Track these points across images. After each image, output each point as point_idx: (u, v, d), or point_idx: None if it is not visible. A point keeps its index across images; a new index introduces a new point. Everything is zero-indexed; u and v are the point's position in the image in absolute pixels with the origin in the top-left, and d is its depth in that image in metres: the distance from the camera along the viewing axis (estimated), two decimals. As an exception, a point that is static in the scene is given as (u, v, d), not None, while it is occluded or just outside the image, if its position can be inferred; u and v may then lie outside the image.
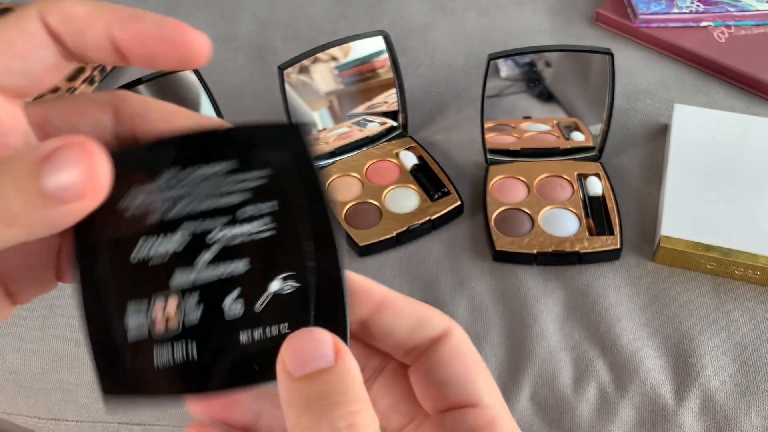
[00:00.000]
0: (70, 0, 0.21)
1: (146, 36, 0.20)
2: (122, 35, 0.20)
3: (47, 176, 0.17)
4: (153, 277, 0.20)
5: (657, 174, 0.55)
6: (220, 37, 0.71)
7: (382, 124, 0.59)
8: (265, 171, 0.21)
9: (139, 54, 0.20)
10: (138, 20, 0.20)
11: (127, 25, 0.20)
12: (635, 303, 0.48)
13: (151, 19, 0.20)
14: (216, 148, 0.21)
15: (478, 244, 0.52)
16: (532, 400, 0.45)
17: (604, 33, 0.68)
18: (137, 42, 0.20)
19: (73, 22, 0.20)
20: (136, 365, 0.20)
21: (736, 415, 0.43)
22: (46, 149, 0.17)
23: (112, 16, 0.20)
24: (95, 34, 0.20)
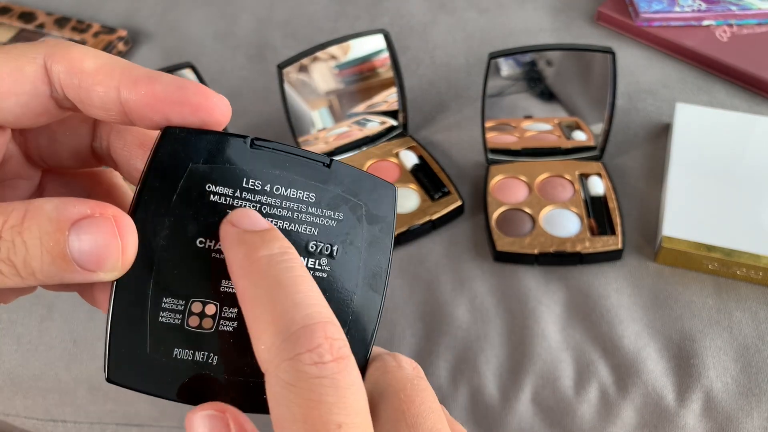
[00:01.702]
0: (80, 51, 0.19)
1: (161, 100, 0.19)
2: (134, 97, 0.19)
3: (75, 242, 0.17)
4: (207, 272, 0.20)
5: (659, 174, 0.55)
6: (218, 36, 0.71)
7: (382, 124, 0.59)
8: (345, 215, 0.21)
9: (150, 118, 0.19)
10: (153, 82, 0.19)
11: (141, 87, 0.19)
12: (637, 303, 0.47)
13: (168, 81, 0.19)
14: (313, 175, 0.21)
15: (478, 245, 0.52)
16: (533, 401, 0.45)
17: (606, 32, 0.68)
18: (150, 106, 0.19)
19: (80, 76, 0.19)
20: (156, 349, 0.19)
21: (738, 417, 0.43)
22: (74, 213, 0.17)
23: (124, 76, 0.19)
24: (103, 92, 0.19)
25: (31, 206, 0.17)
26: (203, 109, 0.19)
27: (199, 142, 0.20)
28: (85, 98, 0.19)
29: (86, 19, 0.72)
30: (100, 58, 0.19)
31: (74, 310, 0.51)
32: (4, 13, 0.71)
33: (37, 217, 0.17)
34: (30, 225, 0.17)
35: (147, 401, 0.49)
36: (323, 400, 0.16)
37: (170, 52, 0.69)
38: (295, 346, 0.17)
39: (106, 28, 0.69)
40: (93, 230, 0.17)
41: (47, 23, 0.70)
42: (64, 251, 0.17)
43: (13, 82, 0.19)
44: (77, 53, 0.19)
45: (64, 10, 0.73)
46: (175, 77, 0.19)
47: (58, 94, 0.19)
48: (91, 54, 0.19)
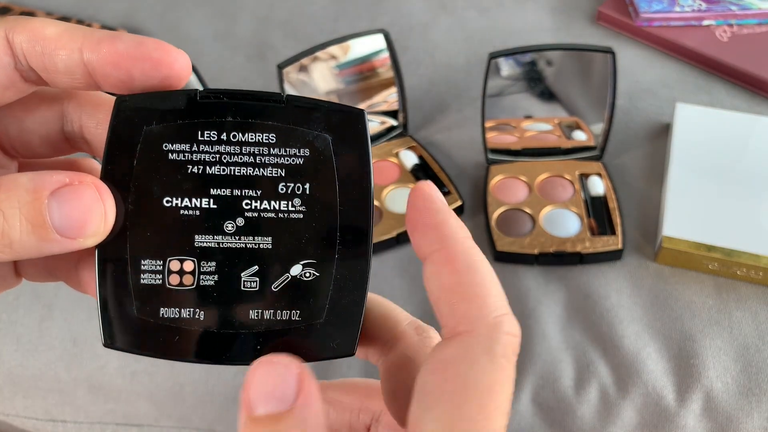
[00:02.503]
0: (41, 20, 0.19)
1: (124, 56, 0.19)
2: (97, 57, 0.19)
3: (56, 210, 0.17)
4: (179, 229, 0.20)
5: (659, 174, 0.55)
6: (218, 36, 0.71)
7: (382, 124, 0.59)
8: (311, 150, 0.21)
9: (114, 76, 0.19)
10: (114, 41, 0.19)
11: (103, 46, 0.19)
12: (637, 303, 0.47)
13: (128, 39, 0.19)
14: (269, 115, 0.21)
15: (478, 245, 0.51)
16: (534, 401, 0.45)
17: (606, 32, 0.68)
18: (113, 64, 0.19)
19: (43, 42, 0.19)
20: (143, 311, 0.20)
21: (738, 417, 0.43)
22: (53, 182, 0.17)
23: (86, 38, 0.19)
24: (66, 55, 0.19)
25: (6, 179, 0.17)
26: (164, 64, 0.19)
27: (150, 104, 0.20)
28: (49, 64, 0.19)
29: (86, 18, 0.72)
30: (60, 25, 0.19)
31: (74, 310, 0.51)
32: (4, 13, 0.71)
33: (14, 188, 0.17)
34: (8, 196, 0.17)
35: (147, 401, 0.49)
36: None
37: (170, 52, 0.69)
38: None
39: (106, 27, 0.69)
40: (74, 196, 0.17)
41: (47, 23, 0.70)
42: (43, 219, 0.17)
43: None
44: (38, 23, 0.19)
45: (64, 10, 0.73)
46: (135, 35, 0.19)
47: (22, 65, 0.19)
48: (51, 22, 0.19)
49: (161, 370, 0.48)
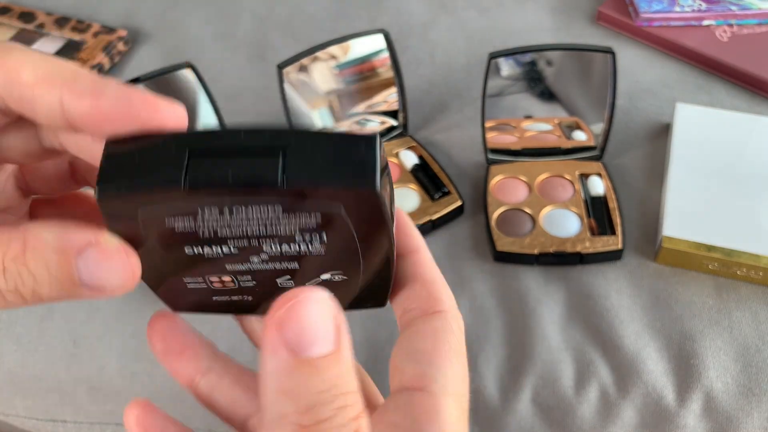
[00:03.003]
0: (18, 60, 0.18)
1: (108, 115, 0.17)
2: (78, 112, 0.18)
3: (84, 270, 0.17)
4: (209, 263, 0.20)
5: (659, 174, 0.55)
6: (218, 36, 0.71)
7: (382, 124, 0.59)
8: (323, 214, 0.19)
9: (98, 132, 0.18)
10: (98, 96, 0.17)
11: (85, 101, 0.17)
12: (637, 304, 0.47)
13: (113, 95, 0.17)
14: (269, 193, 0.18)
15: (478, 245, 0.52)
16: (534, 401, 0.45)
17: (606, 32, 0.68)
18: (95, 123, 0.18)
19: (19, 88, 0.18)
20: (194, 298, 0.22)
21: (738, 417, 0.43)
22: (79, 241, 0.17)
23: (66, 87, 0.17)
24: (45, 105, 0.18)
25: (29, 234, 0.17)
26: (154, 122, 0.18)
27: (140, 168, 0.18)
28: (28, 110, 0.18)
29: (86, 19, 0.72)
30: (38, 68, 0.18)
31: (74, 310, 0.51)
32: (4, 13, 0.71)
33: (40, 248, 0.17)
34: (33, 256, 0.17)
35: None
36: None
37: (170, 52, 0.69)
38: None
39: (106, 28, 0.69)
40: (101, 257, 0.17)
41: (47, 23, 0.70)
42: (72, 278, 0.17)
43: None
44: (14, 62, 0.18)
45: (63, 10, 0.73)
46: (121, 87, 0.18)
47: (3, 106, 0.18)
48: (29, 63, 0.18)
49: (161, 371, 0.48)
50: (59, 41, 0.68)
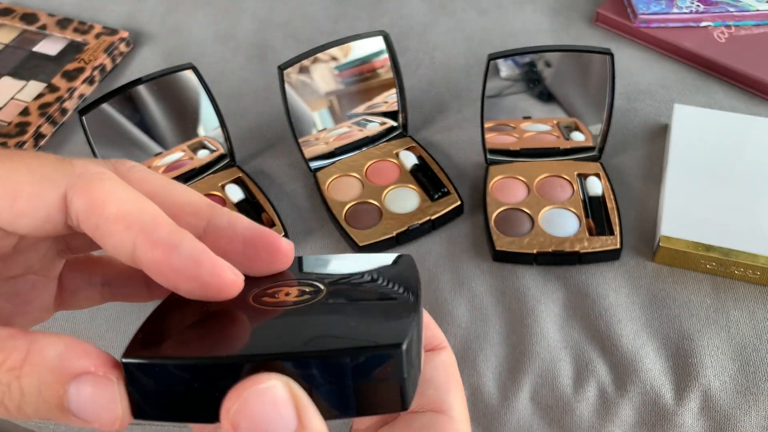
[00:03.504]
0: (104, 191, 0.18)
1: (175, 271, 0.18)
2: (147, 260, 0.18)
3: (74, 396, 0.16)
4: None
5: (657, 174, 0.55)
6: (219, 37, 0.71)
7: (382, 124, 0.59)
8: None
9: (160, 281, 0.18)
10: (171, 252, 0.18)
11: (158, 252, 0.18)
12: (635, 303, 0.48)
13: (186, 254, 0.18)
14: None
15: (478, 244, 0.52)
16: (532, 400, 0.45)
17: (604, 33, 0.68)
18: (162, 274, 0.18)
19: (98, 219, 0.18)
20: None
21: (736, 415, 0.43)
22: (77, 367, 0.16)
23: (143, 234, 0.18)
24: (118, 242, 0.18)
25: (34, 347, 0.17)
26: (213, 288, 0.18)
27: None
28: (100, 240, 0.18)
29: (88, 20, 0.72)
30: (122, 205, 0.18)
31: (74, 311, 0.51)
32: (6, 14, 0.72)
33: (38, 363, 0.16)
34: (29, 371, 0.16)
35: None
36: None
37: (171, 53, 0.70)
38: None
39: (108, 29, 0.70)
40: (94, 389, 0.17)
41: (49, 25, 0.70)
42: (62, 403, 0.16)
43: (31, 205, 0.18)
44: (100, 193, 0.18)
45: (66, 11, 0.74)
46: (195, 247, 0.18)
47: (73, 223, 0.19)
48: (114, 197, 0.18)
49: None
50: (61, 42, 0.69)
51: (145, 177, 0.21)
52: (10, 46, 0.69)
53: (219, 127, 0.55)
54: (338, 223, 0.53)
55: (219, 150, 0.57)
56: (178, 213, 0.20)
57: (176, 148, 0.55)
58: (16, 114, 0.62)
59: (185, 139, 0.56)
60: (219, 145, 0.57)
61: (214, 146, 0.57)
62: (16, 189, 0.18)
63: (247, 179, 0.56)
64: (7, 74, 0.66)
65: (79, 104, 0.65)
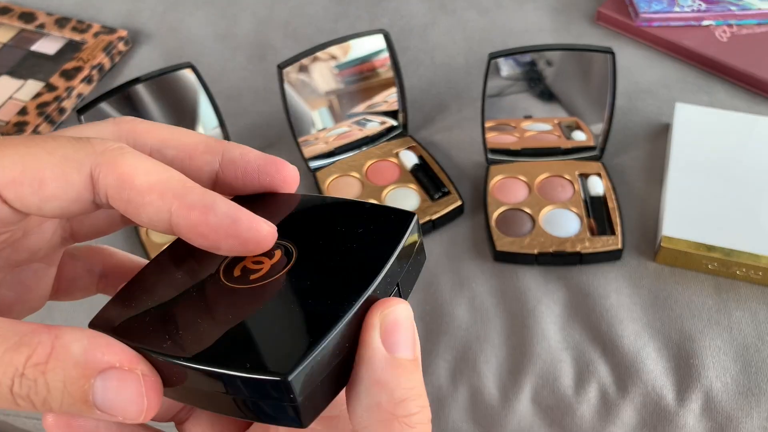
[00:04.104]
0: (130, 164, 0.18)
1: (214, 230, 0.18)
2: (185, 223, 0.18)
3: (100, 390, 0.17)
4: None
5: (658, 174, 0.55)
6: (219, 36, 0.71)
7: (382, 124, 0.59)
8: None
9: (195, 241, 0.19)
10: (207, 212, 0.18)
11: (194, 214, 0.18)
12: (636, 303, 0.47)
13: (222, 213, 0.18)
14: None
15: (478, 244, 0.52)
16: (533, 400, 0.45)
17: (605, 32, 0.68)
18: (201, 235, 0.18)
19: (130, 192, 0.18)
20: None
21: (737, 416, 0.43)
22: (103, 362, 0.17)
23: (177, 199, 0.18)
24: (153, 212, 0.18)
25: (58, 343, 0.17)
26: (252, 242, 0.19)
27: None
28: (133, 213, 0.19)
29: (86, 19, 0.72)
30: (150, 174, 0.18)
31: (74, 311, 0.51)
32: (5, 13, 0.71)
33: (63, 358, 0.17)
34: (55, 366, 0.16)
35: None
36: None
37: (170, 53, 0.69)
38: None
39: (107, 28, 0.69)
40: (119, 383, 0.17)
41: (47, 23, 0.70)
42: (87, 397, 0.17)
43: (58, 188, 0.18)
44: (126, 167, 0.18)
45: (64, 10, 0.73)
46: (229, 206, 0.18)
47: (101, 201, 0.19)
48: (141, 168, 0.18)
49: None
50: (60, 41, 0.69)
51: (152, 127, 0.21)
52: (8, 45, 0.69)
53: (218, 126, 0.55)
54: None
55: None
56: (193, 153, 0.21)
57: (175, 148, 0.55)
58: (14, 113, 0.62)
59: (184, 138, 0.55)
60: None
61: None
62: (41, 173, 0.18)
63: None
64: (5, 73, 0.66)
65: (77, 103, 0.65)
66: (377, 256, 0.19)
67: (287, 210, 0.22)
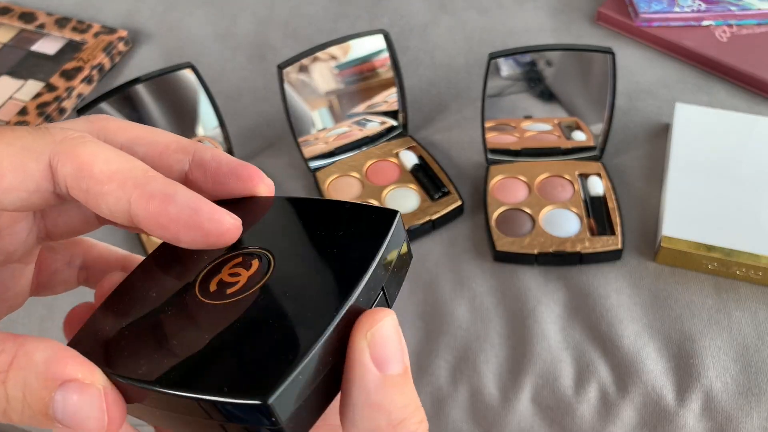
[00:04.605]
0: (89, 152, 0.18)
1: (174, 221, 0.18)
2: (145, 214, 0.18)
3: (60, 403, 0.16)
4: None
5: (658, 174, 0.55)
6: (219, 36, 0.71)
7: (382, 124, 0.59)
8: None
9: (155, 232, 0.18)
10: (168, 201, 0.18)
11: (153, 204, 0.17)
12: (636, 303, 0.47)
13: (182, 202, 0.18)
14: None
15: (478, 245, 0.52)
16: (533, 401, 0.45)
17: (605, 32, 0.68)
18: (161, 226, 0.18)
19: (89, 181, 0.18)
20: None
21: (737, 416, 0.43)
22: (65, 373, 0.16)
23: (137, 189, 0.18)
24: (113, 202, 0.18)
25: (21, 351, 0.16)
26: (213, 234, 0.18)
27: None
28: (92, 203, 0.18)
29: (86, 19, 0.72)
30: (110, 163, 0.18)
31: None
32: (5, 13, 0.71)
33: (25, 369, 0.16)
34: (16, 376, 0.16)
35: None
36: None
37: (170, 53, 0.69)
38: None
39: (107, 28, 0.69)
40: (80, 397, 0.16)
41: (47, 24, 0.70)
42: (46, 410, 0.16)
43: (16, 179, 0.18)
44: (86, 155, 0.18)
45: (64, 10, 0.73)
46: (190, 196, 0.18)
47: (62, 191, 0.18)
48: (101, 157, 0.18)
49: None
50: (60, 41, 0.69)
51: (125, 125, 0.21)
52: (8, 45, 0.69)
53: (218, 126, 0.55)
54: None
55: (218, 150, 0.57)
56: (164, 151, 0.21)
57: (175, 148, 0.55)
58: (14, 113, 0.62)
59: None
60: (218, 145, 0.57)
61: (213, 146, 0.57)
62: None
63: (246, 179, 0.55)
64: (5, 73, 0.66)
65: (77, 104, 0.65)
66: (358, 262, 0.18)
67: (264, 214, 0.21)
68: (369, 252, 0.18)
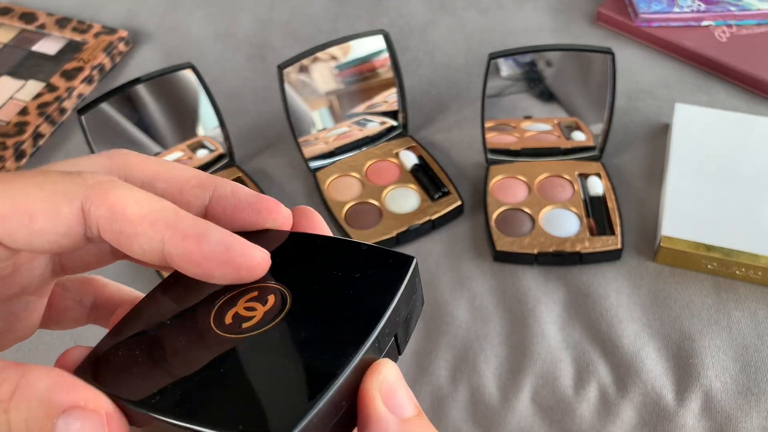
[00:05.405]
0: (121, 195, 0.18)
1: (207, 258, 0.18)
2: (179, 253, 0.18)
3: (63, 430, 0.16)
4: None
5: (658, 174, 0.55)
6: (219, 36, 0.71)
7: (382, 124, 0.59)
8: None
9: (189, 270, 0.18)
10: (201, 241, 0.18)
11: (188, 244, 0.18)
12: (636, 303, 0.47)
13: (215, 240, 0.18)
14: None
15: (478, 244, 0.52)
16: (533, 400, 0.45)
17: (605, 32, 0.68)
18: (194, 263, 0.18)
19: (122, 222, 0.18)
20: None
21: (737, 416, 0.43)
22: (67, 401, 0.16)
23: (170, 229, 0.18)
24: (146, 243, 0.18)
25: (24, 381, 0.16)
26: (245, 269, 0.19)
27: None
28: (125, 244, 0.18)
29: (87, 19, 0.72)
30: (142, 205, 0.18)
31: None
32: (5, 13, 0.72)
33: (28, 397, 0.16)
34: (18, 404, 0.16)
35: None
36: None
37: (171, 53, 0.70)
38: None
39: (107, 28, 0.69)
40: (82, 423, 0.16)
41: (48, 24, 0.70)
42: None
43: (48, 222, 0.18)
44: (117, 198, 0.18)
45: (64, 10, 0.73)
46: (222, 233, 0.18)
47: (93, 233, 0.19)
48: (132, 199, 0.18)
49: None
50: (60, 42, 0.69)
51: (144, 159, 0.21)
52: (8, 46, 0.69)
53: (218, 126, 0.55)
54: (338, 223, 0.53)
55: (218, 150, 0.57)
56: (185, 187, 0.21)
57: (175, 148, 0.55)
58: (14, 113, 0.62)
59: (184, 138, 0.56)
60: (218, 145, 0.57)
61: (213, 146, 0.57)
62: (30, 207, 0.18)
63: (246, 179, 0.56)
64: (5, 74, 0.66)
65: (78, 104, 0.65)
66: (375, 306, 0.19)
67: (281, 249, 0.21)
68: (384, 299, 0.19)
